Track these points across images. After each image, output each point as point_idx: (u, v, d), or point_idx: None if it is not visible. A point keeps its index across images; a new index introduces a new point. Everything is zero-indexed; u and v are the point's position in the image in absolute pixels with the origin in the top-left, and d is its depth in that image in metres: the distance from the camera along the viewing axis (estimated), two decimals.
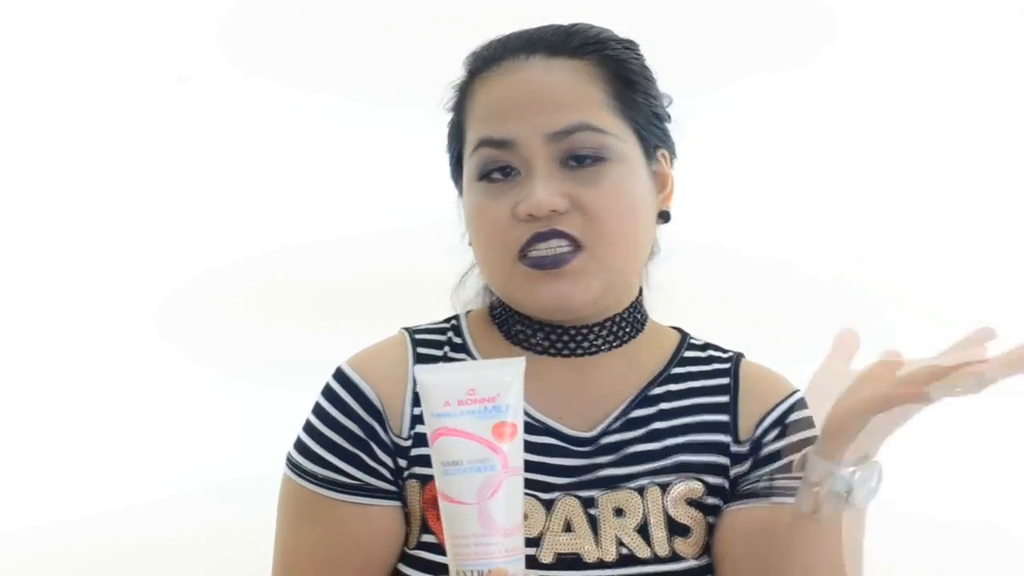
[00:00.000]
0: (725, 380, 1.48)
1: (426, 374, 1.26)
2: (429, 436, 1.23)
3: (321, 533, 1.40)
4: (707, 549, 1.43)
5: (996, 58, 2.48)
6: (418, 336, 1.47)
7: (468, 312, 1.52)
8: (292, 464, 1.43)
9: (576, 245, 1.38)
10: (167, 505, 2.39)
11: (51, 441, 2.42)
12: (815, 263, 2.45)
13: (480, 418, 1.23)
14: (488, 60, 1.44)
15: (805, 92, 2.46)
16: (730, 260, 2.47)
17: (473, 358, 1.46)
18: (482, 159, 1.40)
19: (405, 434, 1.42)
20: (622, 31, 1.50)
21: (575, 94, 1.40)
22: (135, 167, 2.45)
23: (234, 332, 2.44)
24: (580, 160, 1.39)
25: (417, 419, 1.41)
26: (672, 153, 1.50)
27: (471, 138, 1.42)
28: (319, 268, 2.43)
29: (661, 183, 1.47)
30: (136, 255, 2.45)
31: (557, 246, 1.37)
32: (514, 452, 1.22)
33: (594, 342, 1.45)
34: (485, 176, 1.40)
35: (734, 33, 2.46)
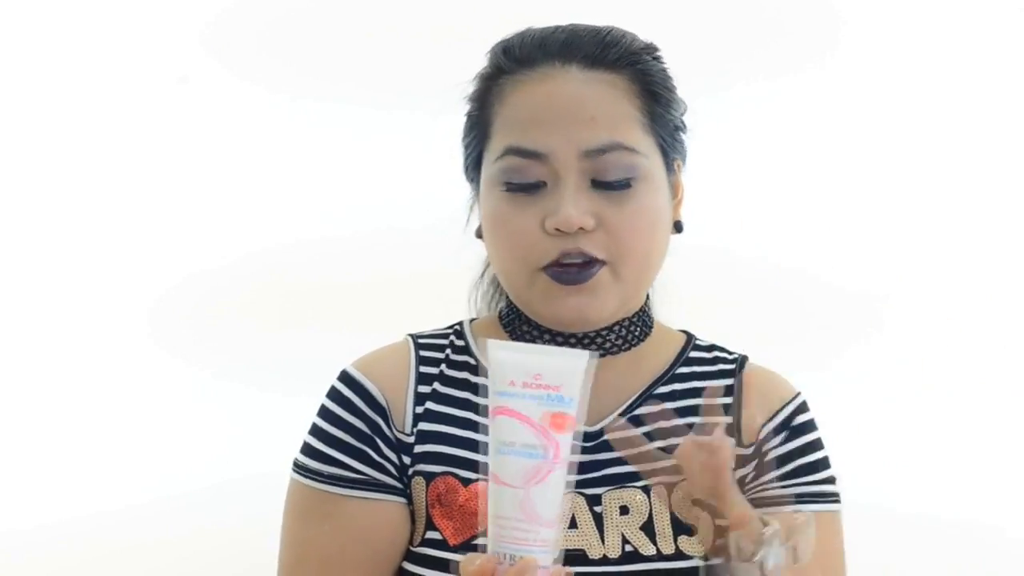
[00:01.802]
0: (729, 381, 1.48)
1: (497, 350, 1.23)
2: (489, 411, 1.22)
3: (330, 530, 1.40)
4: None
5: (1001, 62, 2.47)
6: (421, 341, 1.48)
7: (472, 319, 1.52)
8: (298, 466, 1.43)
9: (598, 262, 1.38)
10: (160, 507, 2.39)
11: (43, 443, 2.41)
12: (820, 266, 2.45)
13: (541, 404, 1.21)
14: (521, 61, 1.41)
15: (809, 95, 2.46)
16: (734, 263, 2.47)
17: (476, 361, 1.46)
18: (509, 167, 1.38)
19: (408, 430, 1.42)
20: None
21: (611, 111, 1.39)
22: (129, 168, 2.45)
23: (227, 334, 2.43)
24: (610, 180, 1.38)
25: (419, 417, 1.42)
26: (684, 161, 1.50)
27: (498, 141, 1.40)
28: (312, 270, 2.43)
29: (674, 192, 1.48)
30: (129, 256, 2.44)
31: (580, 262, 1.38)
32: (567, 445, 1.21)
33: (602, 345, 1.45)
34: (509, 184, 1.38)
35: (739, 36, 2.45)
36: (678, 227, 1.48)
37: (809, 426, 1.46)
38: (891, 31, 2.47)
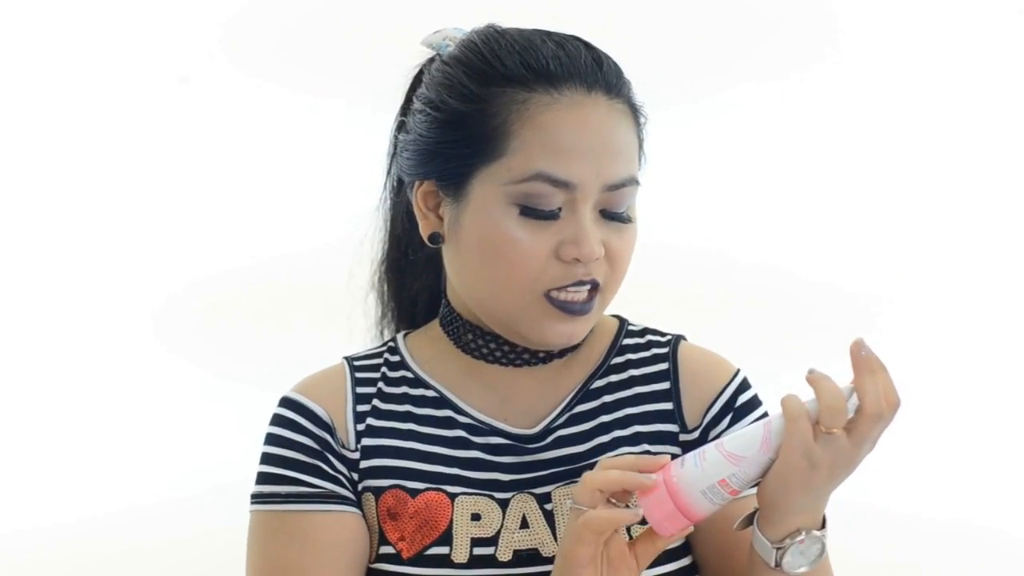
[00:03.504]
0: (664, 365, 1.47)
1: None
2: None
3: (298, 548, 1.39)
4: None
5: (998, 62, 2.48)
6: (356, 363, 1.49)
7: (405, 334, 1.52)
8: (255, 497, 1.43)
9: (598, 289, 1.39)
10: (166, 508, 2.40)
11: (50, 445, 2.42)
12: (818, 268, 2.46)
13: None
14: (542, 75, 1.38)
15: (808, 97, 2.47)
16: (732, 265, 2.47)
17: (412, 373, 1.47)
18: (533, 192, 1.36)
19: (352, 446, 1.43)
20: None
21: (628, 145, 1.39)
22: (134, 169, 2.46)
23: (233, 335, 2.44)
24: (619, 212, 1.39)
25: (361, 434, 1.44)
26: None
27: (521, 162, 1.36)
28: (319, 273, 2.43)
29: None
30: (136, 258, 2.45)
31: (585, 291, 1.38)
32: (776, 427, 1.27)
33: (551, 352, 1.46)
34: (528, 208, 1.36)
35: (738, 38, 2.46)
36: None
37: (753, 404, 1.45)
38: (890, 33, 2.48)
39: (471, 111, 1.39)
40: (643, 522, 1.28)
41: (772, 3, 2.46)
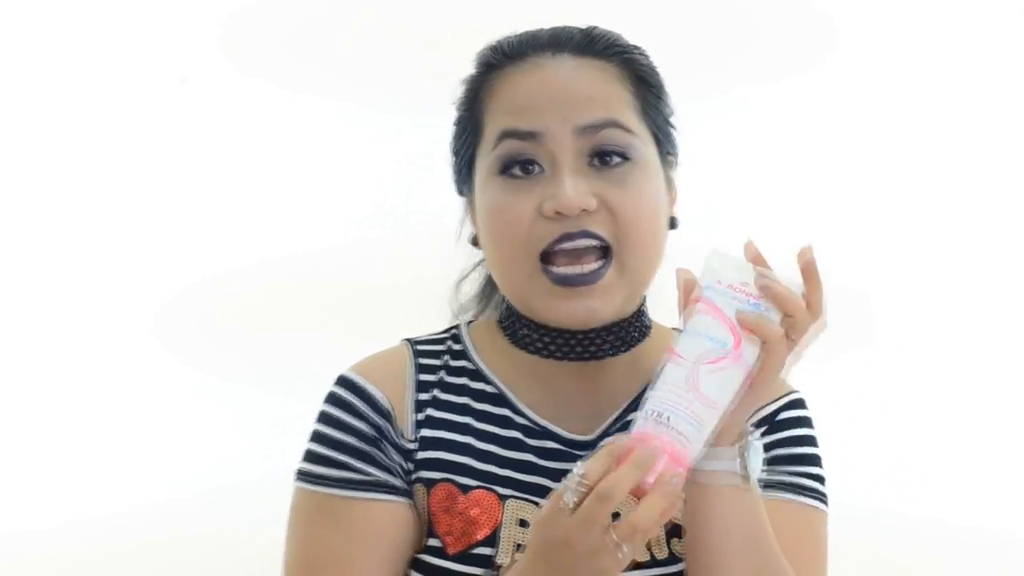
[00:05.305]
0: None
1: (720, 254, 1.30)
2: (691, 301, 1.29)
3: (343, 534, 1.38)
4: None
5: (998, 62, 2.48)
6: (419, 347, 1.47)
7: (469, 322, 1.51)
8: (302, 474, 1.42)
9: (605, 249, 1.36)
10: (166, 509, 2.40)
11: (51, 446, 2.42)
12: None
13: (737, 303, 1.27)
14: (510, 54, 1.41)
15: (804, 98, 2.47)
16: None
17: (473, 364, 1.46)
18: (505, 152, 1.37)
19: (410, 436, 1.41)
20: (623, 38, 1.50)
21: (605, 91, 1.39)
22: (134, 170, 2.45)
23: (233, 337, 2.44)
24: (607, 158, 1.37)
25: (421, 423, 1.42)
26: (676, 160, 1.49)
27: (491, 131, 1.39)
28: (319, 274, 2.43)
29: (669, 186, 1.46)
30: (135, 260, 2.45)
31: (585, 248, 1.36)
32: (752, 351, 1.25)
33: (601, 347, 1.44)
34: (506, 171, 1.37)
35: (733, 40, 2.46)
36: (673, 223, 1.46)
37: (796, 422, 1.44)
38: (891, 34, 2.48)
39: (463, 111, 1.45)
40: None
41: (772, 3, 2.46)
